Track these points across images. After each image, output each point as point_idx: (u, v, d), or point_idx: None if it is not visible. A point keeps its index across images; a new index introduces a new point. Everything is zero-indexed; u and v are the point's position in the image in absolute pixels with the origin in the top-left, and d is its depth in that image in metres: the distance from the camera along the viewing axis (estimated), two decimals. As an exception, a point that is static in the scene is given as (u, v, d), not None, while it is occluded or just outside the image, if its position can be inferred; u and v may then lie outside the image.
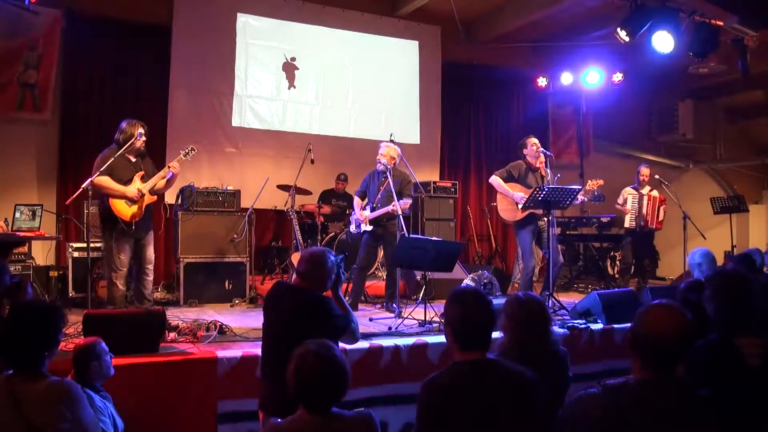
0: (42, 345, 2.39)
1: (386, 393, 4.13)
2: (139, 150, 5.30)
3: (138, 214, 5.20)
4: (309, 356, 2.16)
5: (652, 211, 7.60)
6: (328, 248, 3.46)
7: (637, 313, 2.16)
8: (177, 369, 3.80)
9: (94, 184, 4.97)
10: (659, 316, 2.09)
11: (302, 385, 2.14)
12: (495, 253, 9.55)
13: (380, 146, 6.09)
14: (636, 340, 2.10)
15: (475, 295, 2.38)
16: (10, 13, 6.40)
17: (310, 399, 2.15)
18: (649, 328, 2.08)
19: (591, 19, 8.45)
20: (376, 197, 5.98)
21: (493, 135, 9.99)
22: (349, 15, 8.73)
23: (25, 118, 6.94)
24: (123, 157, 5.20)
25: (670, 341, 2.05)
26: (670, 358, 2.05)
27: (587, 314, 5.23)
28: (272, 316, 3.21)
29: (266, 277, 7.37)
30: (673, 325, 2.06)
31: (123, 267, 5.21)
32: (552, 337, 2.88)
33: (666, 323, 2.07)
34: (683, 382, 2.06)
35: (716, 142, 11.40)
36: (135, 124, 5.25)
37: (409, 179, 6.13)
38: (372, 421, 2.24)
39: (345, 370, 2.18)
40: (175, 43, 7.65)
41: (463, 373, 2.30)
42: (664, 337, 2.05)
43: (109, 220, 5.16)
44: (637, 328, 2.11)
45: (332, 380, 2.15)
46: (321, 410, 2.15)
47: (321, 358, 2.15)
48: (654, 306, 2.15)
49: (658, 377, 2.03)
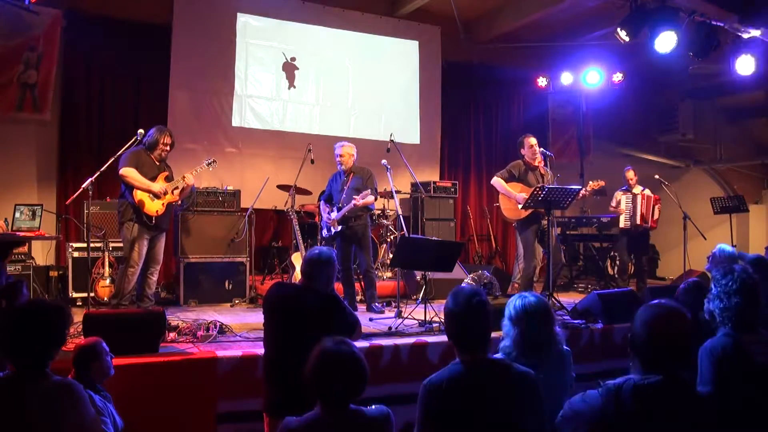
0: (48, 344, 2.39)
1: (386, 393, 4.11)
2: (161, 156, 5.43)
3: (161, 210, 5.29)
4: (330, 353, 2.17)
5: (647, 210, 7.59)
6: (330, 247, 3.47)
7: (637, 313, 2.16)
8: (177, 369, 3.80)
9: (121, 175, 5.18)
10: (659, 317, 2.09)
11: (323, 382, 2.15)
12: (495, 253, 9.55)
13: (336, 146, 6.13)
14: (635, 340, 2.10)
15: (474, 295, 2.38)
16: (10, 13, 6.40)
17: (331, 395, 2.15)
18: (649, 328, 2.08)
19: (591, 19, 8.45)
20: (341, 197, 6.01)
21: (493, 135, 9.99)
22: (349, 15, 8.73)
23: (25, 118, 6.94)
24: (149, 158, 5.37)
25: (671, 342, 2.04)
26: (670, 359, 2.05)
27: (587, 314, 5.23)
28: (280, 316, 3.18)
29: (266, 277, 7.37)
30: (674, 326, 2.06)
31: (139, 262, 5.26)
32: (556, 337, 2.88)
33: (666, 323, 2.06)
34: (685, 382, 2.06)
35: (716, 142, 11.39)
36: (164, 132, 5.42)
37: (370, 173, 6.11)
38: (390, 418, 2.25)
39: (365, 365, 2.20)
40: (175, 43, 7.64)
41: (463, 373, 2.30)
42: (665, 337, 2.04)
43: (134, 213, 5.22)
44: (637, 328, 2.11)
45: (354, 375, 2.16)
46: (340, 406, 2.16)
47: (342, 354, 2.17)
48: (654, 306, 2.15)
49: (658, 377, 2.03)
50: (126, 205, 5.25)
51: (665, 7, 6.62)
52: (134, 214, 5.21)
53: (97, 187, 5.23)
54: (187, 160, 6.95)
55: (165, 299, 6.46)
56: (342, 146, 6.09)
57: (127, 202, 5.24)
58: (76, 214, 6.84)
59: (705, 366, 2.58)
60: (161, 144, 5.36)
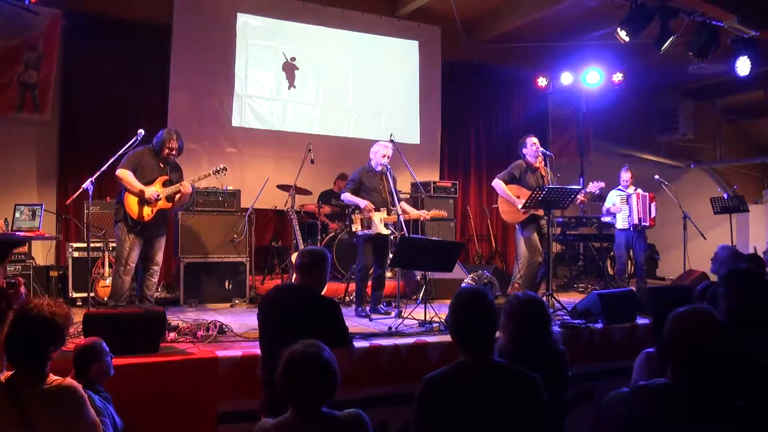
0: (48, 345, 2.39)
1: (386, 393, 4.12)
2: (167, 159, 5.41)
3: (148, 215, 5.25)
4: (296, 355, 2.15)
5: (643, 209, 7.57)
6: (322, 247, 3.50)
7: (671, 316, 2.14)
8: (177, 369, 3.80)
9: (116, 176, 5.18)
10: (697, 322, 2.06)
11: (289, 385, 2.13)
12: (495, 253, 9.55)
13: (385, 146, 5.86)
14: (673, 345, 2.07)
15: (478, 296, 2.38)
16: (10, 13, 6.39)
17: (299, 399, 2.14)
18: (686, 332, 2.06)
19: (591, 19, 8.44)
20: (389, 199, 5.73)
21: (493, 135, 9.99)
22: (349, 15, 8.73)
23: (25, 118, 6.93)
24: (154, 160, 5.36)
25: (706, 346, 2.02)
26: (703, 363, 2.03)
27: (587, 314, 5.23)
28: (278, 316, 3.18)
29: (266, 277, 7.37)
30: (710, 330, 2.04)
31: (131, 263, 5.24)
32: (551, 337, 2.88)
33: (702, 328, 2.04)
34: (714, 387, 2.03)
35: (716, 142, 11.40)
36: (171, 136, 5.39)
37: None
38: (363, 421, 2.22)
39: (333, 369, 2.16)
40: (175, 43, 7.64)
41: (464, 373, 2.30)
42: (702, 342, 2.02)
43: (124, 215, 5.24)
44: (673, 333, 2.08)
45: (320, 379, 2.13)
46: (310, 410, 2.14)
47: (308, 357, 2.14)
48: (690, 311, 2.12)
49: (690, 381, 2.01)
50: (120, 205, 5.27)
51: (665, 7, 6.63)
52: (124, 216, 5.22)
53: (97, 187, 5.21)
54: (187, 160, 6.92)
55: (165, 299, 6.45)
56: (388, 146, 5.87)
57: (120, 200, 5.26)
58: (76, 214, 6.84)
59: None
60: (166, 147, 5.34)
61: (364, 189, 5.77)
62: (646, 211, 7.57)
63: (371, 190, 5.76)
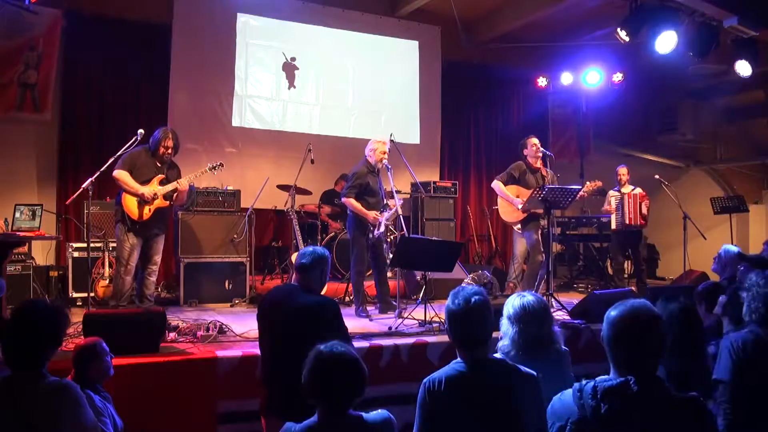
0: (44, 345, 2.38)
1: (386, 393, 4.12)
2: (162, 158, 5.42)
3: (147, 214, 5.26)
4: (326, 356, 2.13)
5: (634, 209, 7.57)
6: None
7: (608, 313, 2.15)
8: (177, 369, 3.80)
9: (113, 177, 5.20)
10: (631, 317, 2.07)
11: (319, 387, 2.12)
12: (495, 253, 9.54)
13: (382, 141, 5.86)
14: (611, 340, 2.09)
15: (474, 294, 2.38)
16: (10, 13, 6.39)
17: (330, 400, 2.12)
18: (615, 328, 2.07)
19: (591, 19, 8.45)
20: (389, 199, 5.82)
21: (493, 135, 9.99)
22: (349, 15, 8.73)
23: (25, 118, 6.93)
24: (151, 159, 5.38)
25: (646, 341, 2.03)
26: (640, 358, 2.04)
27: (587, 314, 5.23)
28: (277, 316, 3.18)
29: (266, 277, 7.37)
30: (648, 325, 2.05)
31: (132, 263, 5.26)
32: (554, 337, 2.87)
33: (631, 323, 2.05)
34: (661, 382, 2.04)
35: (716, 142, 11.39)
36: (167, 135, 5.41)
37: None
38: (392, 423, 2.21)
39: (363, 366, 2.16)
40: (175, 43, 7.64)
41: (464, 372, 2.30)
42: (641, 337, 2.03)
43: (122, 215, 5.26)
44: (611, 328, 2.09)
45: (353, 378, 2.12)
46: (339, 411, 2.12)
47: (337, 358, 2.13)
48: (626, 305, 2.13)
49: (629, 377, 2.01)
50: (119, 206, 5.30)
51: (665, 7, 6.63)
52: (123, 216, 5.25)
53: (97, 187, 5.23)
54: (187, 160, 6.93)
55: (165, 299, 6.46)
56: (384, 141, 5.84)
57: (119, 200, 5.29)
58: (76, 214, 6.84)
59: (724, 356, 2.74)
60: (162, 146, 5.36)
61: (367, 192, 5.72)
62: (637, 212, 7.56)
63: (374, 193, 5.75)
